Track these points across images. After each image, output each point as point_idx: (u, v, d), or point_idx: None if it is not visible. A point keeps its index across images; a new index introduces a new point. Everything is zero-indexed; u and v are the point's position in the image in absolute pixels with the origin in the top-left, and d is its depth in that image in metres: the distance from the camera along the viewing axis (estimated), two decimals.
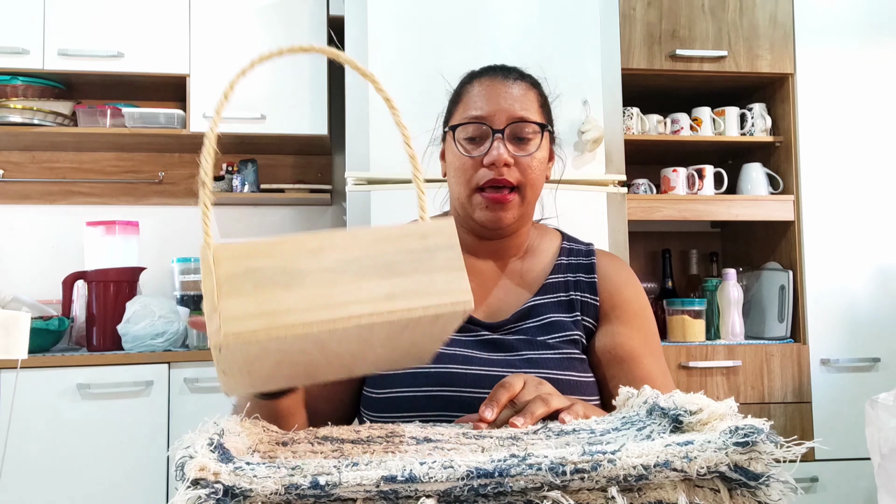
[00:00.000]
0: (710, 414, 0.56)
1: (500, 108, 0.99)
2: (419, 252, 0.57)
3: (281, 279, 0.53)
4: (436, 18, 2.03)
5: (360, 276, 0.55)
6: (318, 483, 0.48)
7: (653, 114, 2.49)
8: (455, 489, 0.49)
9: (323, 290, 0.54)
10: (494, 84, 1.02)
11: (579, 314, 1.03)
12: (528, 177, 1.00)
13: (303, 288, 0.53)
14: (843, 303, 2.40)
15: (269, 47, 0.69)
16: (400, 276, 0.56)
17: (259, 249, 0.54)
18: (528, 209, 1.03)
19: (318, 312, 0.53)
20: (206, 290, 0.52)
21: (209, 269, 0.52)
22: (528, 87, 1.03)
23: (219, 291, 0.52)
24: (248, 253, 0.54)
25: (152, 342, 2.17)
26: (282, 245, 0.55)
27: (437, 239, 0.57)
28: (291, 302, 0.53)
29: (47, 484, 2.04)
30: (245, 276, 0.53)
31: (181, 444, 0.54)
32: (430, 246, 0.57)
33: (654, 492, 0.51)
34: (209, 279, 0.52)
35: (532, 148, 1.00)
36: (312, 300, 0.53)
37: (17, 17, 2.36)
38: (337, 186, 2.82)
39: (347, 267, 0.55)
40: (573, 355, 0.99)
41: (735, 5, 2.45)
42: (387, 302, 0.55)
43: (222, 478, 0.48)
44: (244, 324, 0.51)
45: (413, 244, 0.57)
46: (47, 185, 2.70)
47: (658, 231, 2.81)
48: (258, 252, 0.54)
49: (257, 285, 0.53)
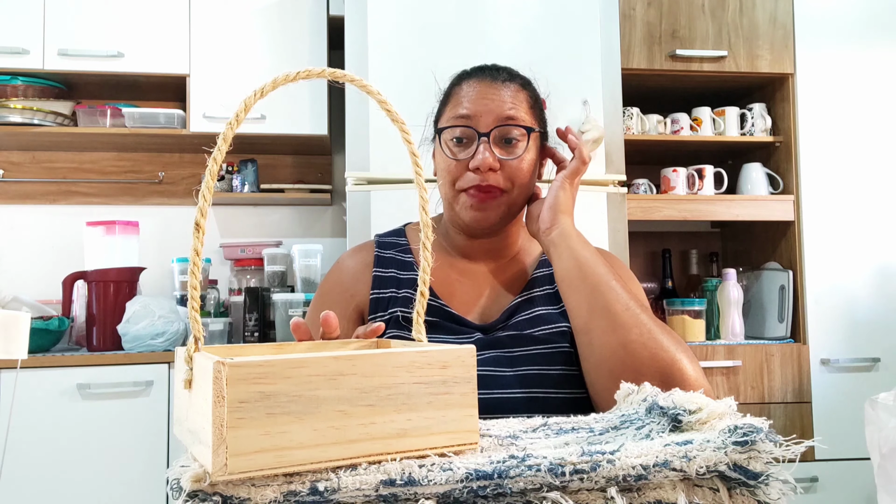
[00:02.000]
0: (710, 413, 0.56)
1: (487, 110, 0.98)
2: (437, 384, 0.56)
3: (294, 409, 0.51)
4: (435, 18, 2.03)
5: (375, 409, 0.54)
6: (316, 489, 0.48)
7: (653, 114, 2.49)
8: (454, 491, 0.49)
9: (336, 424, 0.52)
10: (483, 84, 1.01)
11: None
12: (516, 179, 0.99)
13: (316, 420, 0.52)
14: (843, 303, 2.40)
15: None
16: (414, 411, 0.55)
17: (276, 370, 0.51)
18: (515, 209, 1.03)
19: (328, 450, 0.52)
20: (216, 417, 0.48)
21: (221, 393, 0.48)
22: (517, 87, 1.02)
23: (228, 420, 0.48)
24: (264, 374, 0.50)
25: (152, 342, 2.17)
26: (300, 366, 0.52)
27: (456, 370, 0.57)
28: (303, 437, 0.51)
29: (47, 484, 2.04)
30: (257, 402, 0.50)
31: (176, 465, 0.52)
32: (449, 378, 0.57)
33: (654, 491, 0.51)
34: (220, 405, 0.48)
35: (519, 151, 0.99)
36: (325, 436, 0.52)
37: (17, 17, 2.36)
38: (337, 186, 2.82)
39: (364, 398, 0.54)
40: (562, 349, 0.98)
41: (735, 5, 2.45)
42: (397, 441, 0.54)
43: (219, 488, 0.48)
44: (251, 461, 0.49)
45: (432, 375, 0.56)
46: (47, 185, 2.70)
47: (658, 231, 2.81)
48: (275, 374, 0.51)
49: (269, 413, 0.50)
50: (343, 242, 2.76)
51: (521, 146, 0.99)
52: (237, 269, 2.66)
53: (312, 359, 0.52)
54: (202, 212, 0.55)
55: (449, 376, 0.57)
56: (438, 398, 0.56)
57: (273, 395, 0.50)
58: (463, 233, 1.06)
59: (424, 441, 0.55)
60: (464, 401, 0.57)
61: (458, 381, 0.57)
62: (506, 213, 1.01)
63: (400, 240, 1.12)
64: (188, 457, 0.54)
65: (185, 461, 0.53)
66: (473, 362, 0.58)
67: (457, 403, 0.57)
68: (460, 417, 0.57)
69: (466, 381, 0.57)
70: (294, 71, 0.60)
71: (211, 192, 0.56)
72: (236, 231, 2.80)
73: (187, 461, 0.53)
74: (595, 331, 0.90)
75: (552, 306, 1.03)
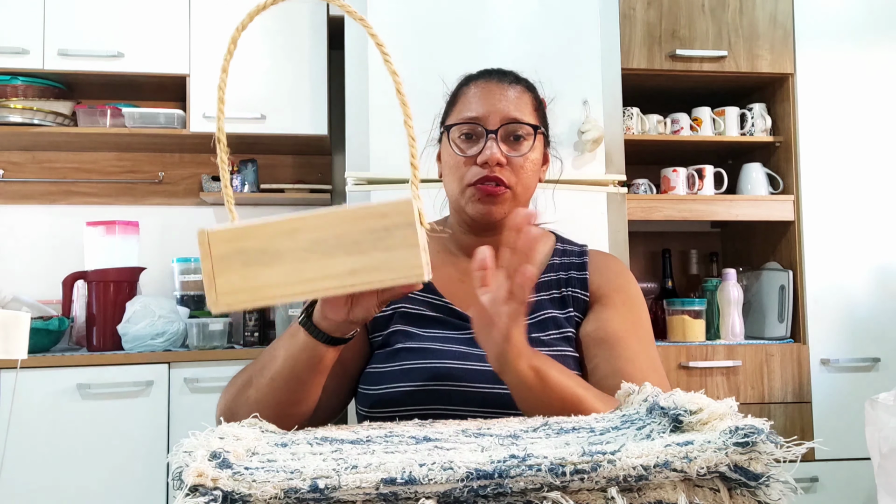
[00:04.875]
0: (710, 414, 0.56)
1: (494, 110, 1.01)
2: (379, 231, 0.67)
3: (263, 258, 0.67)
4: (436, 18, 2.03)
5: (328, 254, 0.67)
6: (317, 486, 0.48)
7: (653, 114, 2.49)
8: (455, 490, 0.49)
9: (297, 267, 0.67)
10: (490, 86, 1.04)
11: (571, 310, 1.04)
12: (521, 177, 1.01)
13: (281, 265, 0.67)
14: (843, 303, 2.40)
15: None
16: (362, 253, 0.66)
17: (246, 233, 0.67)
18: (519, 206, 1.04)
19: (292, 287, 0.67)
20: (204, 269, 0.67)
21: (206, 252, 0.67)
22: (522, 90, 1.05)
23: (214, 270, 0.67)
24: (237, 236, 0.67)
25: (152, 342, 2.17)
26: (265, 228, 0.67)
27: (395, 218, 0.67)
28: (272, 278, 0.67)
29: (47, 484, 2.04)
30: (234, 256, 0.67)
31: (178, 450, 0.53)
32: (389, 225, 0.67)
33: (654, 492, 0.51)
34: (206, 260, 0.67)
35: (525, 149, 1.02)
36: (288, 276, 0.67)
37: (17, 17, 2.36)
38: (337, 186, 2.82)
39: (317, 247, 0.67)
40: (567, 353, 1.00)
41: (735, 5, 2.45)
42: (349, 277, 0.67)
43: (221, 483, 0.48)
44: (234, 297, 0.67)
45: (374, 223, 0.67)
46: (47, 185, 2.70)
47: (658, 231, 2.81)
48: (245, 235, 0.67)
49: (244, 263, 0.67)
50: None
51: (526, 144, 1.02)
52: None
53: (273, 220, 0.67)
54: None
55: (389, 223, 0.66)
56: (382, 242, 0.67)
57: (245, 250, 0.67)
58: (469, 230, 1.07)
59: (372, 276, 0.67)
60: (406, 242, 0.67)
61: (398, 226, 0.67)
62: (509, 209, 1.02)
63: None
64: (189, 443, 0.55)
65: (188, 446, 0.54)
66: (410, 209, 0.67)
67: (399, 245, 0.67)
68: (404, 256, 0.66)
69: (407, 225, 0.67)
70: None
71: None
72: None
73: (189, 446, 0.54)
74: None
75: (559, 310, 1.04)
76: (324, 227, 0.67)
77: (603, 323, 1.01)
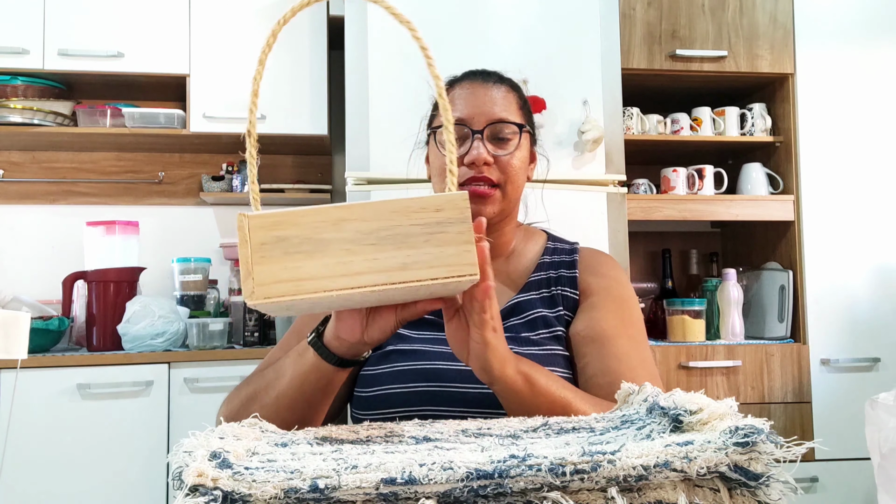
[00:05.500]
0: (710, 413, 0.56)
1: (479, 111, 1.02)
2: (432, 225, 0.62)
3: (306, 247, 0.61)
4: (436, 19, 2.03)
5: (377, 246, 0.61)
6: (317, 486, 0.48)
7: (653, 114, 2.49)
8: (455, 490, 0.49)
9: (343, 259, 0.61)
10: (474, 87, 1.04)
11: (561, 308, 1.04)
12: (509, 175, 1.02)
13: (325, 257, 0.61)
14: (843, 303, 2.40)
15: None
16: (413, 247, 0.62)
17: (288, 219, 0.61)
18: (509, 206, 1.05)
19: (337, 280, 0.61)
20: (242, 256, 0.61)
21: (245, 238, 0.61)
22: (507, 89, 1.06)
23: (253, 258, 0.60)
24: (279, 222, 0.61)
25: (152, 342, 2.16)
26: (308, 215, 0.62)
27: (449, 212, 0.63)
28: (315, 269, 0.61)
29: (47, 484, 2.04)
30: (275, 244, 0.61)
31: (178, 449, 0.53)
32: (443, 219, 0.62)
33: (654, 492, 0.51)
34: (245, 247, 0.61)
35: (511, 147, 1.03)
36: (333, 269, 0.61)
37: (17, 17, 2.36)
38: (337, 186, 2.82)
39: (366, 238, 0.61)
40: (556, 352, 1.00)
41: (735, 5, 2.45)
42: (399, 272, 0.61)
43: (221, 483, 0.48)
44: (273, 288, 0.60)
45: (427, 217, 0.62)
46: (47, 185, 2.70)
47: (658, 231, 2.81)
48: (287, 222, 0.61)
49: (285, 252, 0.61)
50: None
51: (512, 143, 1.03)
52: (237, 269, 2.66)
53: (319, 208, 0.62)
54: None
55: (443, 217, 0.63)
56: (435, 237, 0.62)
57: (287, 238, 0.61)
58: None
59: (423, 273, 0.62)
60: (460, 238, 0.63)
61: (452, 221, 0.63)
62: (500, 209, 1.03)
63: None
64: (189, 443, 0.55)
65: (188, 446, 0.54)
66: (466, 205, 0.63)
67: (453, 240, 0.62)
68: (458, 252, 0.62)
69: (461, 221, 0.63)
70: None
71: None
72: (236, 231, 2.80)
73: (189, 446, 0.54)
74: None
75: (548, 309, 1.04)
76: (373, 218, 0.62)
77: (593, 321, 1.01)
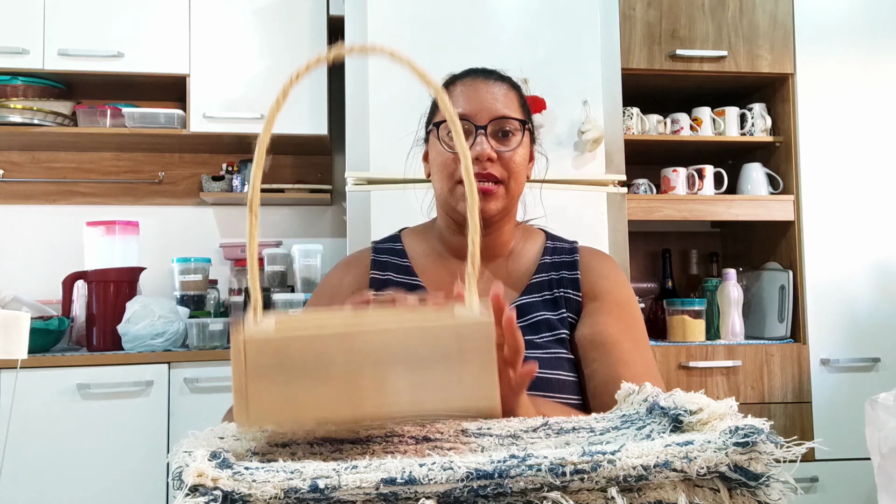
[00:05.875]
0: (710, 413, 0.56)
1: (482, 108, 1.01)
2: (452, 350, 0.56)
3: (309, 366, 0.55)
4: (436, 18, 2.03)
5: (388, 367, 0.55)
6: (317, 486, 0.48)
7: (653, 114, 2.49)
8: (455, 490, 0.49)
9: (348, 385, 0.55)
10: (476, 84, 1.04)
11: (564, 311, 1.04)
12: (512, 171, 1.01)
13: (329, 378, 0.55)
14: (843, 303, 2.40)
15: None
16: (427, 372, 0.55)
17: (291, 342, 0.55)
18: (511, 203, 1.04)
19: (341, 409, 0.55)
20: (236, 377, 0.54)
21: (240, 362, 0.54)
22: (508, 87, 1.06)
23: (248, 376, 0.54)
24: (280, 347, 0.55)
25: (152, 342, 2.16)
26: (314, 322, 0.56)
27: (474, 340, 0.56)
28: (317, 396, 0.55)
29: (47, 484, 2.04)
30: (275, 368, 0.55)
31: (178, 449, 0.53)
32: (465, 344, 0.56)
33: (654, 492, 0.51)
34: (239, 368, 0.54)
35: (514, 143, 1.02)
36: (338, 395, 0.55)
37: (17, 17, 2.36)
38: (337, 186, 2.82)
39: (376, 356, 0.55)
40: (561, 355, 0.99)
41: (735, 5, 2.45)
42: (409, 400, 0.55)
43: (221, 483, 0.48)
44: (270, 414, 0.55)
45: (448, 342, 0.56)
46: (47, 185, 2.70)
47: (658, 231, 2.81)
48: (290, 345, 0.55)
49: (285, 370, 0.55)
50: (343, 242, 2.76)
51: (515, 140, 1.03)
52: (237, 269, 2.66)
53: (327, 315, 0.56)
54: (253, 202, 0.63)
55: (466, 345, 0.56)
56: (454, 363, 0.56)
57: (288, 354, 0.55)
58: (458, 230, 1.06)
59: (437, 402, 0.56)
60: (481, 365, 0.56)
61: (476, 348, 0.56)
62: (503, 206, 1.02)
63: (396, 245, 1.13)
64: (189, 442, 0.55)
65: (188, 446, 0.54)
66: (491, 329, 0.56)
67: (473, 367, 0.56)
68: (477, 381, 0.56)
69: (485, 349, 0.56)
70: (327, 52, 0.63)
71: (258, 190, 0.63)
72: (236, 231, 2.80)
73: (189, 446, 0.54)
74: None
75: (551, 312, 1.03)
76: (386, 332, 0.56)
77: (598, 326, 1.01)
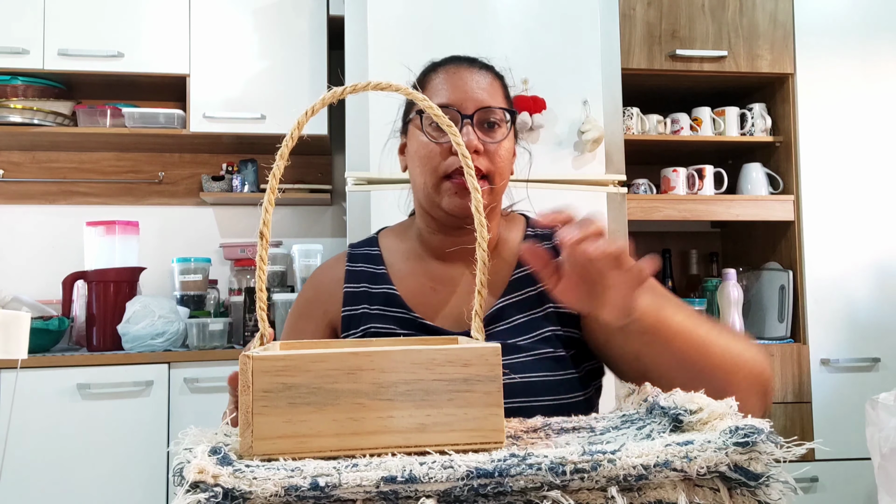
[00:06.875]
0: (711, 413, 0.56)
1: (467, 96, 0.96)
2: (458, 382, 0.57)
3: (315, 400, 0.55)
4: (435, 18, 2.03)
5: (394, 402, 0.56)
6: (317, 484, 0.48)
7: (653, 114, 2.49)
8: (455, 489, 0.49)
9: (354, 416, 0.55)
10: (460, 72, 0.98)
11: (550, 305, 0.97)
12: (497, 165, 0.95)
13: (335, 411, 0.55)
14: (843, 303, 2.40)
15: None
16: (434, 406, 0.56)
17: (297, 364, 0.55)
18: (496, 199, 0.99)
19: (345, 440, 0.55)
20: (243, 403, 0.54)
21: (247, 383, 0.55)
22: (493, 76, 1.00)
23: (254, 407, 0.54)
24: (287, 367, 0.55)
25: (152, 342, 2.17)
26: (320, 362, 0.56)
27: (479, 368, 0.57)
28: (322, 426, 0.55)
29: (47, 484, 2.04)
30: (280, 392, 0.55)
31: (179, 444, 0.54)
32: (471, 376, 0.57)
33: (654, 491, 0.51)
34: (247, 394, 0.55)
35: (500, 136, 0.96)
36: (342, 426, 0.55)
37: (17, 17, 2.36)
38: (337, 186, 2.82)
39: (382, 392, 0.56)
40: (547, 355, 0.94)
41: (735, 5, 2.45)
42: (416, 435, 0.56)
43: (222, 480, 0.48)
44: (274, 445, 0.54)
45: (453, 373, 0.57)
46: (47, 185, 2.70)
47: (658, 231, 2.81)
48: (296, 367, 0.55)
49: (291, 403, 0.55)
50: (343, 242, 2.76)
51: (501, 132, 0.97)
52: (237, 269, 2.66)
53: (332, 354, 0.56)
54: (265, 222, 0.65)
55: (471, 374, 0.57)
56: (460, 395, 0.56)
57: (294, 386, 0.55)
58: (438, 229, 1.00)
59: (443, 437, 0.56)
60: (487, 399, 0.57)
61: (481, 379, 0.57)
62: (487, 202, 0.95)
63: (372, 250, 1.07)
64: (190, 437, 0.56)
65: (190, 442, 0.54)
66: (498, 360, 0.57)
67: (479, 402, 0.57)
68: (483, 416, 0.57)
69: (490, 379, 0.57)
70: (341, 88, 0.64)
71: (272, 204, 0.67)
72: (236, 231, 2.80)
73: (191, 442, 0.54)
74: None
75: (535, 311, 0.97)
76: (392, 369, 0.56)
77: None
